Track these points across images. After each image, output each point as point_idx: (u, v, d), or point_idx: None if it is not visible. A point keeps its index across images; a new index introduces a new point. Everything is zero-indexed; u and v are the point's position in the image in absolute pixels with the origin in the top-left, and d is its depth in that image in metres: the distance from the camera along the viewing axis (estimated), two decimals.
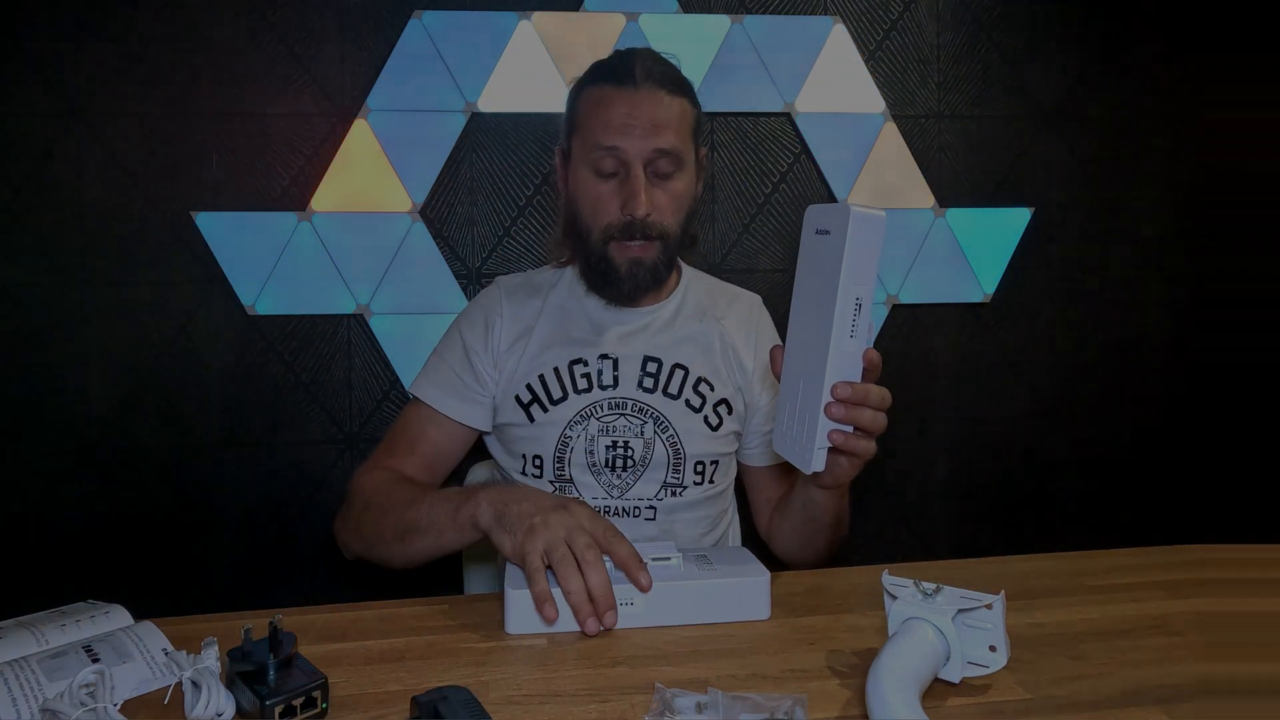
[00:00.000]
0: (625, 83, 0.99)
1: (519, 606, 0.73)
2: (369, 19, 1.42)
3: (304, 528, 1.45)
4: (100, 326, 1.38)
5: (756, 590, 0.76)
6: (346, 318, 1.44)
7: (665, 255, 1.02)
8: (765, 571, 0.77)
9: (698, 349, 1.07)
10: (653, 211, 0.99)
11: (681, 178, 1.01)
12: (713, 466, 1.06)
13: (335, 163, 1.42)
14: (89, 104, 1.37)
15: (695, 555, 0.81)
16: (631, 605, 0.74)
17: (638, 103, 0.98)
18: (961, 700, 0.61)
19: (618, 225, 1.00)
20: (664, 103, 0.98)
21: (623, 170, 0.99)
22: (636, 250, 1.00)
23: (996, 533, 1.62)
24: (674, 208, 1.02)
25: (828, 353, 0.70)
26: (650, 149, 0.97)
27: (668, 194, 1.01)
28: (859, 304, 0.69)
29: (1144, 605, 0.78)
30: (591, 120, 1.00)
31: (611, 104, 0.98)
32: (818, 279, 0.72)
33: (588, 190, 1.02)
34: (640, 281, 1.02)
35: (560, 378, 1.04)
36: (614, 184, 1.00)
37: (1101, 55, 1.59)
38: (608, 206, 1.00)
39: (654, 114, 0.98)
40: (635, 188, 0.97)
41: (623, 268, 1.01)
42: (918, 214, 1.55)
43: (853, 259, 0.68)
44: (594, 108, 1.00)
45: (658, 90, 0.99)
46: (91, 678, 0.57)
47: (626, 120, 0.97)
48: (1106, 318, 1.63)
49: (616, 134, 0.97)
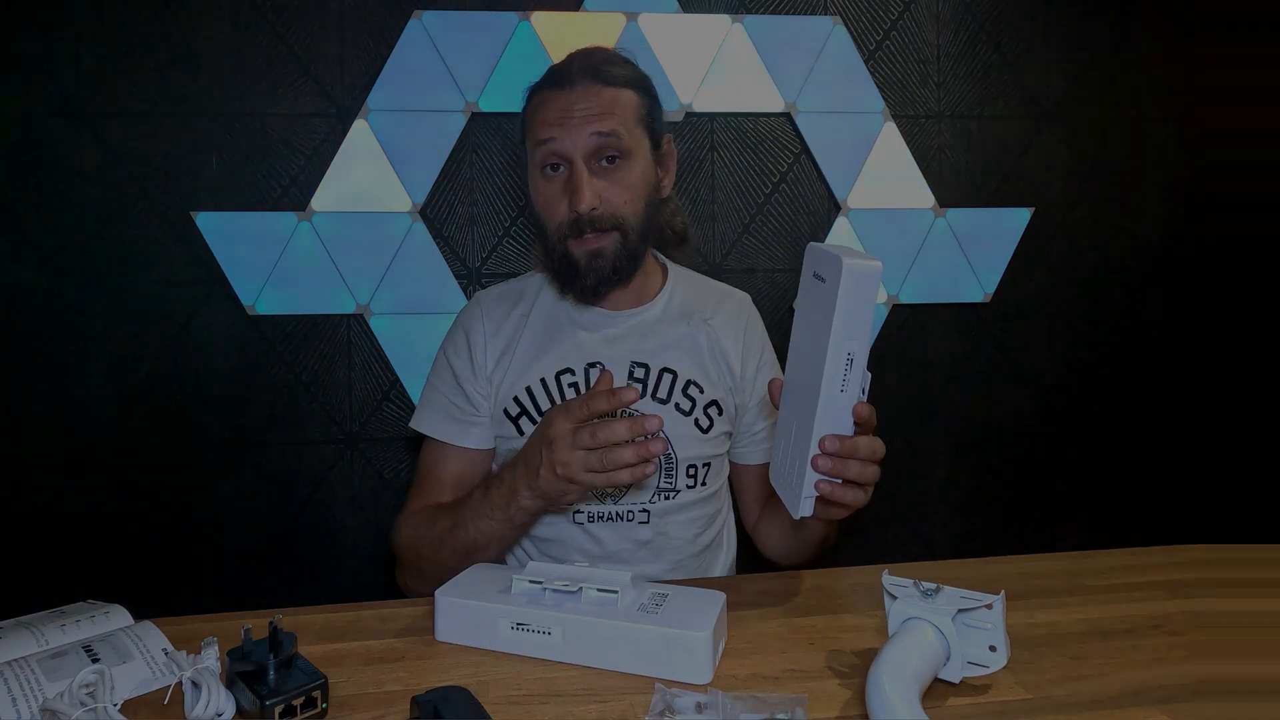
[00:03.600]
0: (562, 83, 1.01)
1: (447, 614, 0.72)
2: (369, 19, 1.42)
3: (304, 528, 1.45)
4: (100, 326, 1.38)
5: (692, 648, 0.65)
6: (346, 318, 1.44)
7: (626, 247, 1.01)
8: (707, 628, 0.66)
9: (685, 352, 1.06)
10: (600, 204, 0.99)
11: (631, 166, 1.01)
12: (705, 469, 1.05)
13: (335, 163, 1.42)
14: (89, 104, 1.37)
15: (653, 594, 0.72)
16: (549, 635, 0.68)
17: (574, 98, 0.99)
18: (961, 700, 0.61)
19: (567, 223, 1.00)
20: (600, 94, 1.00)
21: (565, 166, 1.00)
22: (591, 242, 1.00)
23: (996, 533, 1.62)
24: (627, 197, 1.00)
25: (816, 406, 0.69)
26: (587, 135, 0.98)
27: (616, 184, 1.00)
28: (850, 359, 0.68)
29: (1144, 605, 0.78)
30: (533, 121, 1.02)
31: (549, 103, 1.01)
32: (813, 326, 0.71)
33: (539, 192, 1.03)
34: (602, 274, 1.01)
35: (548, 389, 1.04)
36: (560, 182, 1.01)
37: (1101, 55, 1.59)
38: (557, 205, 1.01)
39: (587, 105, 0.99)
40: (577, 182, 0.98)
41: (582, 261, 1.01)
42: (918, 214, 1.55)
43: (844, 314, 0.67)
44: (535, 109, 1.03)
45: (593, 84, 1.00)
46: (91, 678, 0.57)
47: (562, 115, 0.99)
48: (1106, 318, 1.63)
49: (553, 126, 0.99)
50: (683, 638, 0.65)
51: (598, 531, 1.01)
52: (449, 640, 0.72)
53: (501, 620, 0.70)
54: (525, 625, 0.69)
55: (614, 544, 1.02)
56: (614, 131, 0.98)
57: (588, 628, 0.68)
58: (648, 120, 1.04)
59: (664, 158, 1.08)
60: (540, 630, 0.69)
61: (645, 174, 1.03)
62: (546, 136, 0.99)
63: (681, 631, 0.65)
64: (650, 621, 0.67)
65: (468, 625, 0.71)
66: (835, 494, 0.72)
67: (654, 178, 1.05)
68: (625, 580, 0.72)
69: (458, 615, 0.72)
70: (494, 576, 0.77)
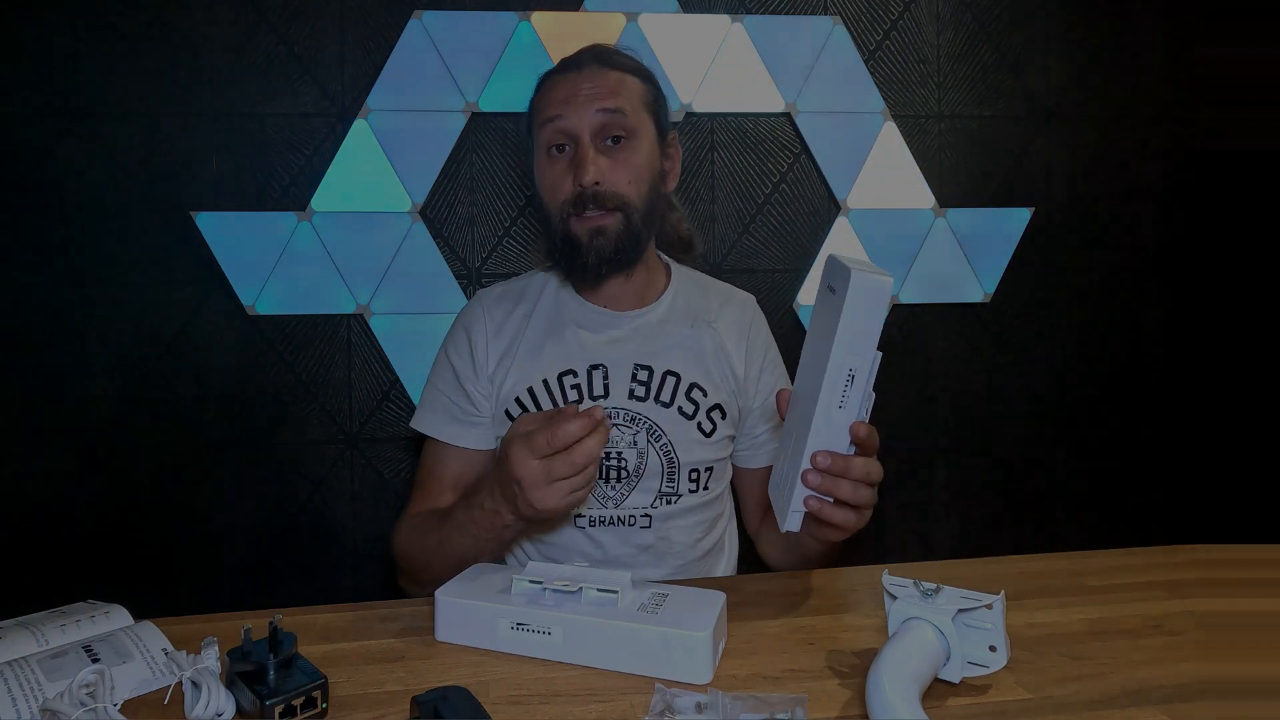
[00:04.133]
0: (570, 68, 1.03)
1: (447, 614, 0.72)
2: (369, 19, 1.42)
3: (304, 528, 1.45)
4: (100, 326, 1.38)
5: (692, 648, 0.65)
6: (346, 318, 1.44)
7: (629, 228, 1.00)
8: (707, 628, 0.66)
9: (689, 354, 1.05)
10: (603, 180, 0.98)
11: (636, 147, 1.01)
12: (707, 473, 1.05)
13: (335, 163, 1.42)
14: (89, 104, 1.37)
15: (653, 594, 0.72)
16: (549, 635, 0.68)
17: (581, 79, 1.01)
18: (961, 700, 0.61)
19: (571, 199, 0.99)
20: (607, 75, 1.01)
21: (571, 144, 1.00)
22: (594, 219, 0.99)
23: (996, 533, 1.62)
24: (631, 177, 1.00)
25: (812, 419, 0.68)
26: (593, 112, 0.98)
27: (620, 163, 1.00)
28: (851, 375, 0.67)
29: (1144, 605, 0.78)
30: (540, 103, 1.03)
31: (557, 85, 1.02)
32: (820, 338, 0.69)
33: (544, 173, 1.03)
34: (603, 253, 0.99)
35: (550, 390, 1.03)
36: (565, 162, 1.01)
37: (1101, 55, 1.59)
38: (561, 183, 1.00)
39: (596, 85, 1.00)
40: (582, 156, 0.98)
41: (584, 239, 0.99)
42: (918, 214, 1.55)
43: (849, 329, 0.65)
44: (543, 94, 1.04)
45: (602, 68, 1.02)
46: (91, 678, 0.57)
47: (570, 92, 1.00)
48: (1106, 318, 1.63)
49: (560, 105, 1.00)
50: (683, 638, 0.65)
51: (599, 535, 1.01)
52: (449, 640, 0.72)
53: (501, 620, 0.70)
54: (525, 625, 0.69)
55: (615, 548, 1.01)
56: (620, 109, 0.99)
57: (588, 628, 0.67)
58: (654, 106, 1.04)
59: (669, 148, 1.08)
60: (540, 630, 0.68)
61: (650, 157, 1.03)
62: (553, 114, 1.00)
63: (681, 631, 0.65)
64: (650, 621, 0.66)
65: (468, 625, 0.71)
66: (824, 511, 0.71)
67: (659, 164, 1.05)
68: (625, 580, 0.72)
69: (458, 615, 0.72)
70: (494, 576, 0.77)
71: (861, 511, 0.74)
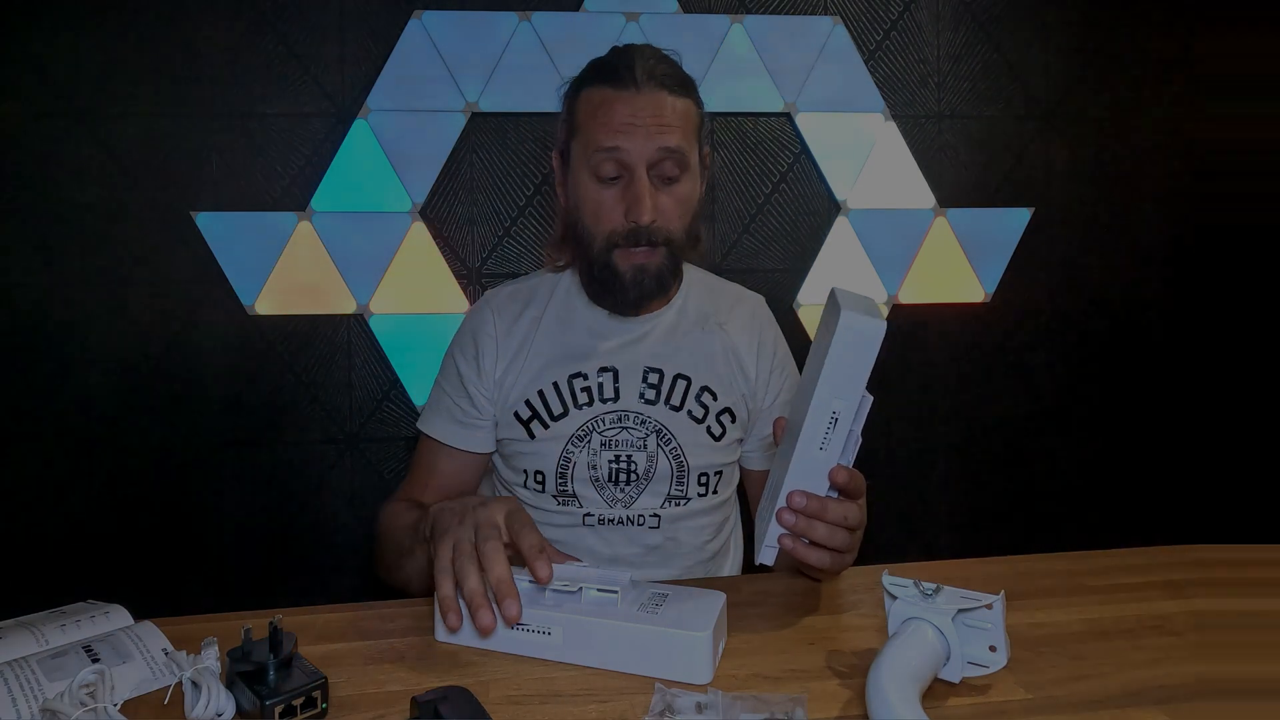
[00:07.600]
0: (626, 84, 0.95)
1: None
2: (369, 19, 1.42)
3: (304, 528, 1.45)
4: (100, 326, 1.38)
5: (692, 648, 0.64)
6: (346, 318, 1.44)
7: (671, 262, 0.98)
8: (707, 628, 0.64)
9: (700, 358, 1.04)
10: (658, 218, 0.95)
11: (687, 181, 0.98)
12: (716, 477, 1.04)
13: (335, 163, 1.42)
14: (89, 104, 1.37)
15: (652, 594, 0.70)
16: (549, 635, 0.67)
17: (640, 104, 0.94)
18: (961, 700, 0.61)
19: (621, 232, 0.96)
20: (668, 104, 0.95)
21: (625, 174, 0.95)
22: (641, 256, 0.96)
23: (996, 533, 1.62)
24: (679, 213, 0.97)
25: (790, 458, 0.67)
26: (654, 149, 0.94)
27: (673, 198, 0.97)
28: (835, 418, 0.65)
29: (1144, 605, 0.78)
30: (591, 123, 0.96)
31: (613, 105, 0.95)
32: (812, 374, 0.68)
33: (589, 196, 0.98)
34: (645, 289, 0.98)
35: (560, 393, 1.02)
36: (616, 189, 0.96)
37: (1102, 55, 1.59)
38: (610, 213, 0.96)
39: (658, 115, 0.94)
40: (640, 192, 0.93)
41: (627, 275, 0.97)
42: (918, 214, 1.55)
43: (834, 371, 0.63)
44: (594, 110, 0.96)
45: (660, 91, 0.95)
46: (91, 678, 0.57)
47: (629, 121, 0.93)
48: (1106, 317, 1.63)
49: (618, 134, 0.93)
50: (683, 638, 0.64)
51: (608, 534, 1.01)
52: (449, 640, 0.71)
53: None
54: (525, 625, 0.69)
55: (623, 547, 1.01)
56: (679, 149, 0.95)
57: (588, 628, 0.67)
58: (699, 129, 1.01)
59: (704, 162, 1.05)
60: (540, 630, 0.68)
61: (695, 189, 1.00)
62: (611, 145, 0.94)
63: (681, 631, 0.64)
64: (650, 622, 0.65)
65: (468, 625, 0.71)
66: (798, 551, 0.70)
67: (699, 189, 1.02)
68: (625, 580, 0.71)
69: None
70: None
71: (840, 555, 0.73)
